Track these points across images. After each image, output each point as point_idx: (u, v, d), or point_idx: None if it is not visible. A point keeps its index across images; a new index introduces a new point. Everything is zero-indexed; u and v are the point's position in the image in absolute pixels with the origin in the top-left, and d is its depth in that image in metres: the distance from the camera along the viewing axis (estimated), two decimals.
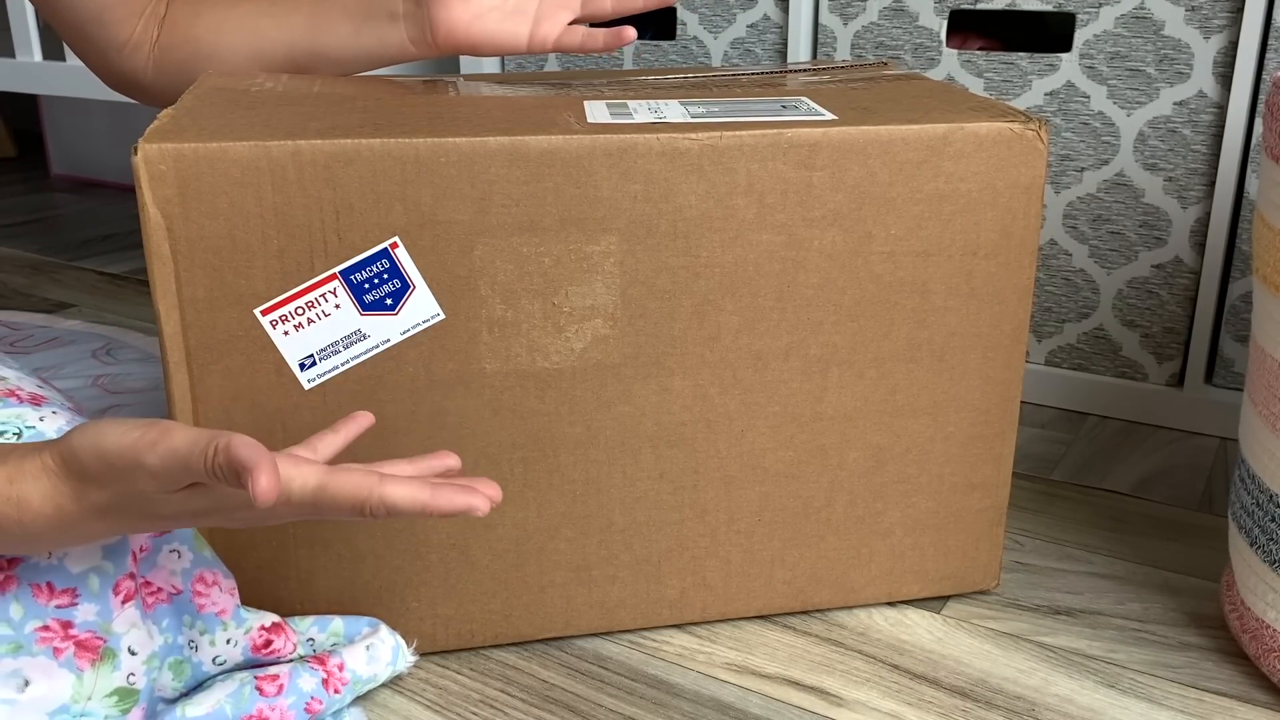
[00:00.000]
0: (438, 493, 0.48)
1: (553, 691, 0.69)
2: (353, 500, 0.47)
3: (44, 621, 0.54)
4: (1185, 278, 1.01)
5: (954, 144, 0.66)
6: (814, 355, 0.69)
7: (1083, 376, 1.08)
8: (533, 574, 0.70)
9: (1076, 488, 0.94)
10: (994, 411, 0.73)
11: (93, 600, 0.56)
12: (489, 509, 0.49)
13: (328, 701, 0.63)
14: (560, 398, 0.67)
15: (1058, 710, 0.67)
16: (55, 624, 0.55)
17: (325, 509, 0.47)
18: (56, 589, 0.55)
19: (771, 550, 0.73)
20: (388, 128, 0.62)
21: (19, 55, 1.55)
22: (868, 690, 0.69)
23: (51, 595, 0.55)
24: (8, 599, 0.54)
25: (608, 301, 0.65)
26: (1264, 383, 0.66)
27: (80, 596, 0.56)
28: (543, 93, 0.74)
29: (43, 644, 0.54)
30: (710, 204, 0.65)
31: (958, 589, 0.77)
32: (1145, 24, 0.97)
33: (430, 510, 0.47)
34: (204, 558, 0.61)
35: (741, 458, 0.70)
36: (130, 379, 1.00)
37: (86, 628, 0.56)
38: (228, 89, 0.71)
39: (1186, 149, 0.98)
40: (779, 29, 1.13)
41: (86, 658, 0.55)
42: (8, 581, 0.54)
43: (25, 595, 0.54)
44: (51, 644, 0.54)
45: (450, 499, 0.47)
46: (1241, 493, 0.70)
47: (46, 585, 0.55)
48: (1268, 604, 0.67)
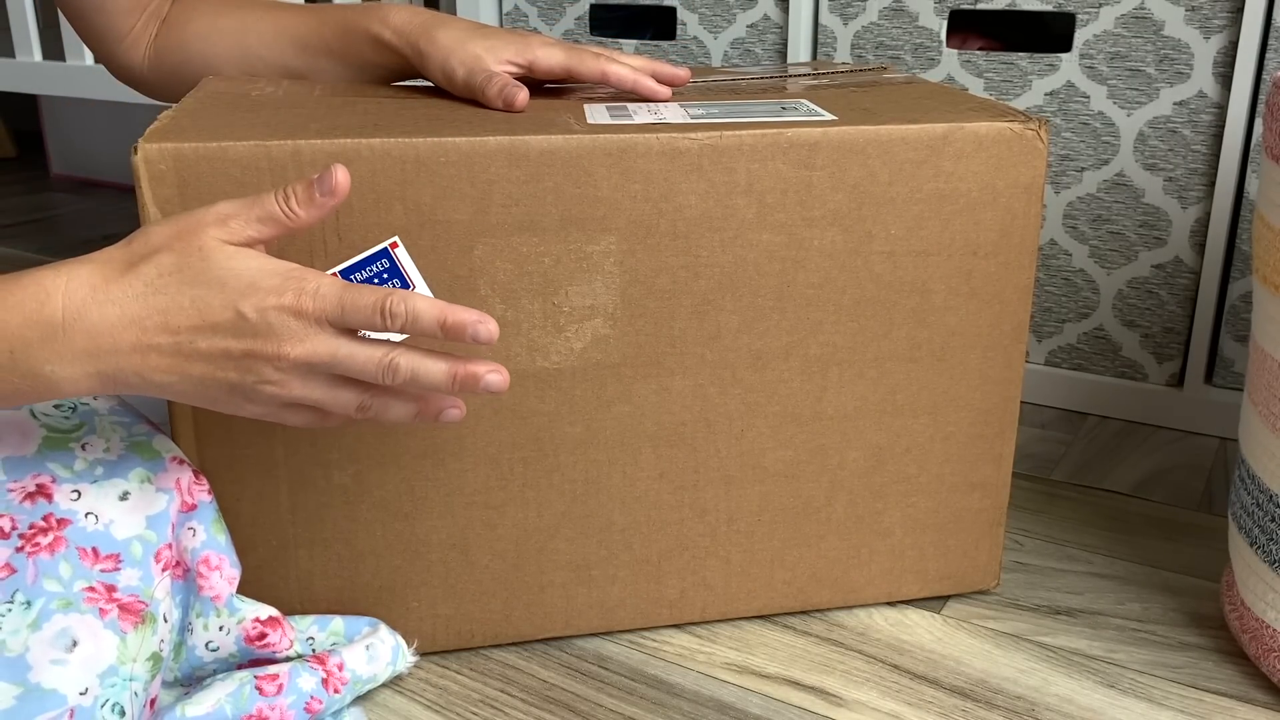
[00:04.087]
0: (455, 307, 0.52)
1: (553, 691, 0.69)
2: (376, 294, 0.51)
3: (90, 583, 0.56)
4: (1185, 278, 1.01)
5: (954, 144, 0.66)
6: (814, 355, 0.69)
7: (1083, 376, 1.08)
8: (533, 574, 0.70)
9: (1076, 488, 0.94)
10: (994, 411, 0.73)
11: (135, 566, 0.58)
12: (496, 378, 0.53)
13: (327, 701, 0.63)
14: (560, 397, 0.67)
15: (1058, 710, 0.67)
16: (100, 586, 0.57)
17: (349, 306, 0.51)
18: (101, 554, 0.57)
19: (771, 550, 0.73)
20: (388, 128, 0.62)
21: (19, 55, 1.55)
22: (868, 690, 0.69)
23: (97, 559, 0.57)
24: (56, 559, 0.56)
25: (608, 301, 0.65)
26: (1264, 383, 0.66)
27: (123, 562, 0.58)
28: (542, 94, 0.74)
29: (89, 603, 0.56)
30: (710, 204, 0.65)
31: (958, 589, 0.77)
32: (1145, 24, 0.97)
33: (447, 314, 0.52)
34: (216, 541, 0.62)
35: (741, 457, 0.70)
36: None
37: (129, 592, 0.57)
38: (228, 92, 0.71)
39: (1186, 149, 0.98)
40: (779, 29, 1.13)
41: (130, 620, 0.57)
42: (57, 543, 0.56)
43: (73, 556, 0.56)
44: (98, 604, 0.56)
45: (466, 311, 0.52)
46: (1241, 493, 0.70)
47: (92, 550, 0.57)
48: (1268, 604, 0.67)
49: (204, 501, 0.62)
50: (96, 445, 0.60)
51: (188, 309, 0.50)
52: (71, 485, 0.57)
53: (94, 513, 0.57)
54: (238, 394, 0.52)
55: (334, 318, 0.51)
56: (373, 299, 0.51)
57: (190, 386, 0.52)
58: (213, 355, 0.51)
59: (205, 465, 0.64)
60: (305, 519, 0.67)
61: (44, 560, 0.55)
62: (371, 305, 0.51)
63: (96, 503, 0.58)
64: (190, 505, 0.61)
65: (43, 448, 0.58)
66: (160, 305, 0.50)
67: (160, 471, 0.60)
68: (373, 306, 0.51)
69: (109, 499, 0.58)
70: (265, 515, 0.66)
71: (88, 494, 0.58)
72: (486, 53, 0.70)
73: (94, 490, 0.58)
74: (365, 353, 0.52)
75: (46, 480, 0.57)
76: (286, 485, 0.66)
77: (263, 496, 0.66)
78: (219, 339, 0.51)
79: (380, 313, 0.51)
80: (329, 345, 0.51)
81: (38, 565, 0.55)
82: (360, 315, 0.51)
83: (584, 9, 1.24)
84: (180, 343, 0.51)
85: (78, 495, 0.57)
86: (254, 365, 0.51)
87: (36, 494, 0.56)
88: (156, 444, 0.61)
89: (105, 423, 0.61)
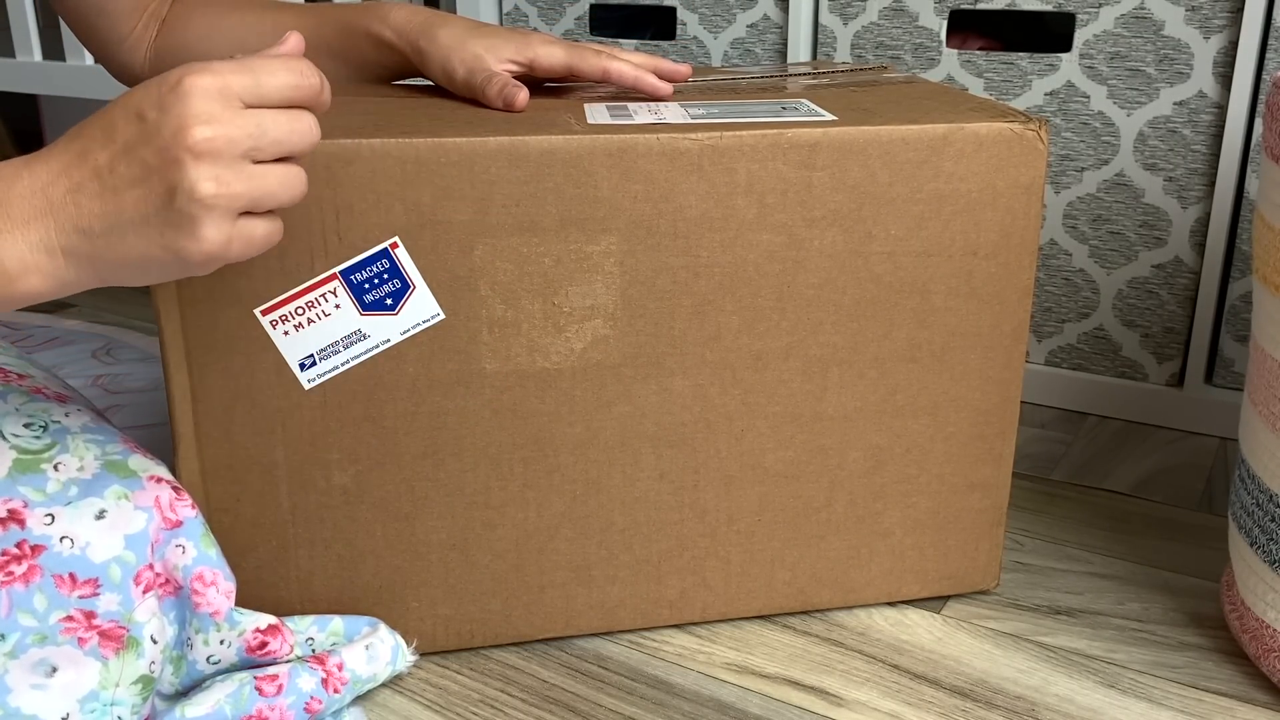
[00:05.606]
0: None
1: (553, 691, 0.69)
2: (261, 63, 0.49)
3: (67, 612, 0.55)
4: (1185, 278, 1.01)
5: (954, 144, 0.66)
6: (814, 355, 0.69)
7: (1083, 376, 1.08)
8: (533, 574, 0.70)
9: (1076, 488, 0.94)
10: (994, 411, 0.73)
11: (114, 590, 0.56)
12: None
13: (327, 701, 0.63)
14: (560, 398, 0.67)
15: (1058, 710, 0.67)
16: (79, 614, 0.55)
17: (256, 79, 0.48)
18: (79, 579, 0.55)
19: (771, 550, 0.73)
20: (388, 128, 0.62)
21: (19, 55, 1.55)
22: (868, 690, 0.69)
23: (74, 586, 0.55)
24: (31, 590, 0.54)
25: (608, 301, 0.65)
26: (1264, 383, 0.66)
27: (102, 586, 0.56)
28: (543, 94, 0.74)
29: (67, 634, 0.55)
30: (710, 204, 0.65)
31: (958, 589, 0.77)
32: (1145, 24, 0.97)
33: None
34: (208, 556, 0.61)
35: (741, 458, 0.70)
36: (130, 379, 1.00)
37: (109, 618, 0.56)
38: None
39: (1186, 149, 0.98)
40: (779, 29, 1.13)
41: (111, 647, 0.56)
42: (31, 572, 0.54)
43: (48, 586, 0.55)
44: (76, 634, 0.55)
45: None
46: (1241, 493, 0.70)
47: (69, 576, 0.55)
48: (1268, 604, 0.67)
49: (189, 517, 0.60)
50: (70, 464, 0.58)
51: (100, 138, 0.48)
52: (45, 509, 0.56)
53: (69, 536, 0.56)
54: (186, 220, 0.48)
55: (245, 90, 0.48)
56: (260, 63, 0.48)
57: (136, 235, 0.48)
58: (135, 178, 0.47)
59: (205, 465, 0.64)
60: (305, 519, 0.67)
61: (18, 592, 0.54)
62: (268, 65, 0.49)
63: (72, 525, 0.56)
64: (175, 522, 0.60)
65: (13, 470, 0.56)
66: (77, 148, 0.48)
67: (138, 489, 0.59)
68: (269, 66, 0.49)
69: (85, 519, 0.56)
70: (265, 515, 0.66)
71: (62, 517, 0.56)
72: (487, 52, 0.70)
73: (68, 512, 0.56)
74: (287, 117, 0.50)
75: (18, 505, 0.55)
76: (286, 485, 0.66)
77: (263, 496, 0.66)
78: (135, 154, 0.47)
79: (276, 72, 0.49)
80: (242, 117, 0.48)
81: (11, 597, 0.53)
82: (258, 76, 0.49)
83: (584, 9, 1.24)
84: (101, 174, 0.48)
85: (51, 519, 0.55)
86: (179, 170, 0.47)
87: (8, 520, 0.54)
88: (133, 462, 0.60)
89: (78, 440, 0.59)
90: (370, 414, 0.65)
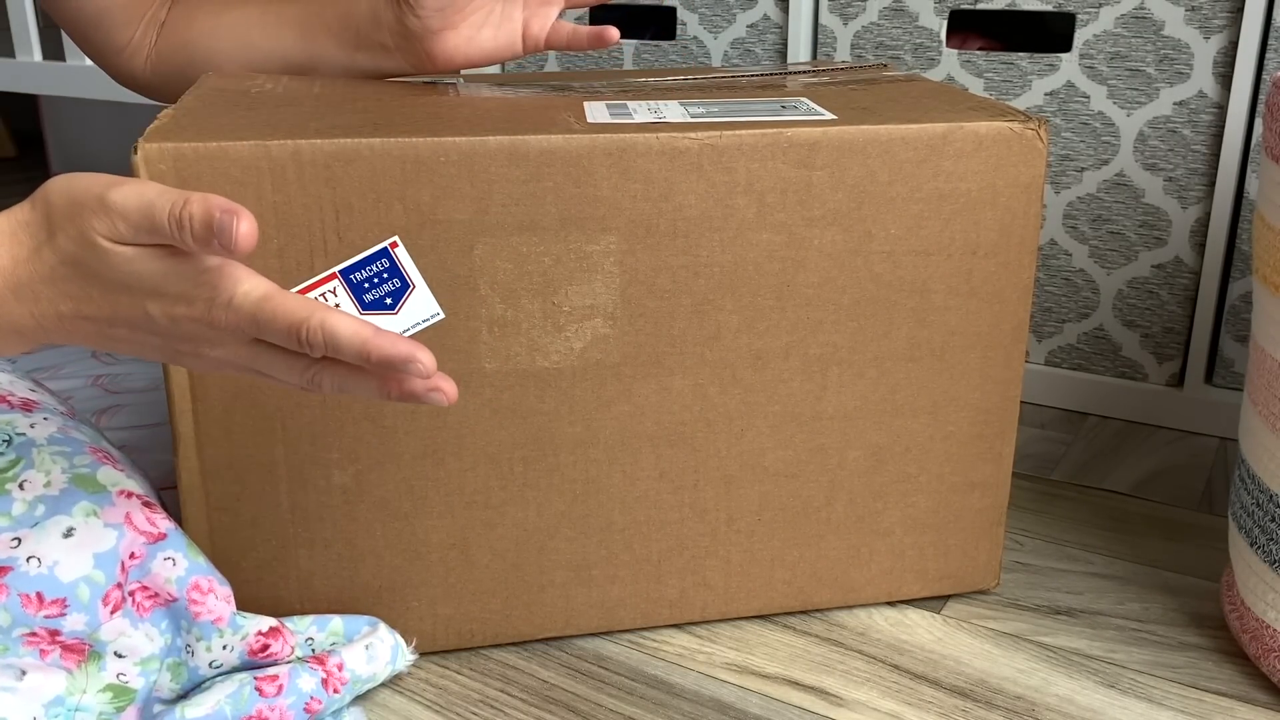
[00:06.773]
0: (381, 338, 0.45)
1: (553, 691, 0.69)
2: (292, 319, 0.45)
3: (31, 629, 0.55)
4: (1185, 278, 1.01)
5: (954, 143, 0.66)
6: (814, 355, 0.69)
7: (1083, 376, 1.08)
8: (533, 574, 0.70)
9: (1076, 488, 0.94)
10: (994, 411, 0.73)
11: (81, 611, 0.56)
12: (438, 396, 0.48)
13: (327, 701, 0.63)
14: (560, 397, 0.67)
15: (1058, 710, 0.67)
16: (43, 631, 0.55)
17: (265, 325, 0.46)
18: (46, 599, 0.55)
19: (771, 550, 0.73)
20: (388, 127, 0.62)
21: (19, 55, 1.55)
22: (868, 690, 0.69)
23: (41, 605, 0.55)
24: None
25: (607, 301, 0.65)
26: (1264, 383, 0.66)
27: (69, 606, 0.56)
28: (542, 93, 0.74)
29: (29, 646, 0.54)
30: (710, 203, 0.64)
31: (958, 589, 0.77)
32: (1145, 24, 0.97)
33: (370, 349, 0.45)
34: (199, 565, 0.61)
35: (741, 457, 0.70)
36: (130, 379, 1.00)
37: (73, 635, 0.56)
38: (228, 90, 0.71)
39: (1186, 149, 0.98)
40: (779, 29, 1.13)
41: (73, 659, 0.55)
42: None
43: (14, 605, 0.54)
44: (38, 646, 0.55)
45: (394, 347, 0.45)
46: (1241, 493, 0.70)
47: (36, 595, 0.55)
48: (1268, 604, 0.67)
49: (171, 529, 0.60)
50: (36, 481, 0.57)
51: (98, 301, 0.47)
52: (11, 533, 0.55)
53: (36, 556, 0.55)
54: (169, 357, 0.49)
55: (250, 331, 0.47)
56: (288, 322, 0.45)
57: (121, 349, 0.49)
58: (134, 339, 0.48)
59: (205, 465, 0.64)
60: (305, 519, 0.66)
61: None
62: (287, 329, 0.45)
63: (38, 545, 0.55)
64: (158, 535, 0.59)
65: None
66: (72, 293, 0.47)
67: (107, 505, 0.58)
68: (288, 331, 0.45)
69: (52, 538, 0.56)
70: (265, 515, 0.66)
71: (29, 539, 0.55)
72: None
73: (35, 534, 0.55)
74: (286, 365, 0.48)
75: None
76: (286, 485, 0.66)
77: (263, 496, 0.66)
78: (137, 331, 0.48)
79: (296, 338, 0.46)
80: (246, 354, 0.48)
81: None
82: (275, 336, 0.46)
83: (584, 9, 1.24)
84: (100, 327, 0.48)
85: (18, 542, 0.55)
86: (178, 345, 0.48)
87: None
88: (102, 476, 0.59)
89: (44, 454, 0.58)
90: (370, 413, 0.65)
